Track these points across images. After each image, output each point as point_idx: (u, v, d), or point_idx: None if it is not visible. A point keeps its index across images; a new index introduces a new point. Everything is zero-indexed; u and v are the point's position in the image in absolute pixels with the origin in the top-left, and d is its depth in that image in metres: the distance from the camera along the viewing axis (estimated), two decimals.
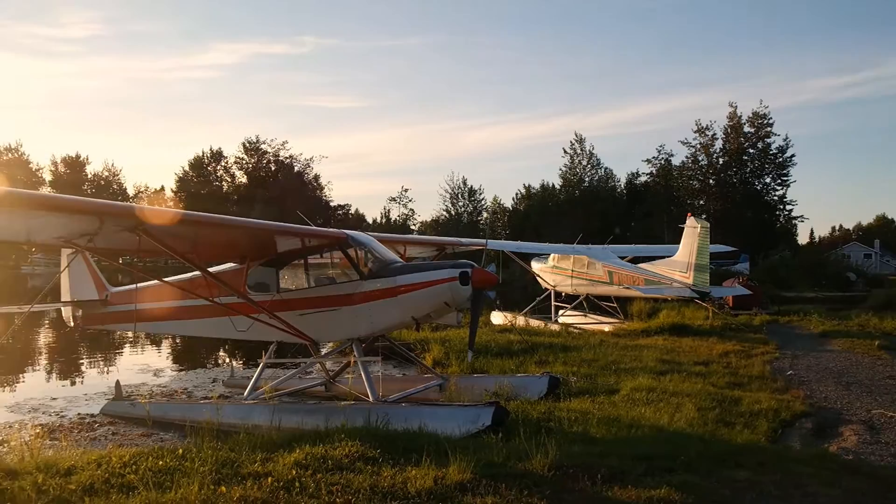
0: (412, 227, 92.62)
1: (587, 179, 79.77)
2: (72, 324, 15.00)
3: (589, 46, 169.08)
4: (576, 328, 22.72)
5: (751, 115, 65.41)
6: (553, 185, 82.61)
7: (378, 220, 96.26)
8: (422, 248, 17.88)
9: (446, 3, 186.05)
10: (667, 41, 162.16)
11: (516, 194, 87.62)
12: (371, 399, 10.62)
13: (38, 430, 10.24)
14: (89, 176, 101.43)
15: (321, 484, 6.33)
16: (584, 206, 71.00)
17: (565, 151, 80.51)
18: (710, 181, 67.39)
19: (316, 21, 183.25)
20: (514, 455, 7.27)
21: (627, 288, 22.95)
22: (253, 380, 12.15)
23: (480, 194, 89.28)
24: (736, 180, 66.69)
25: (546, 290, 26.17)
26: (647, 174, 76.63)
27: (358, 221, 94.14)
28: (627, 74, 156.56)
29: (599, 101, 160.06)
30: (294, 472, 6.59)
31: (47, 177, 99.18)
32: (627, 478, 6.58)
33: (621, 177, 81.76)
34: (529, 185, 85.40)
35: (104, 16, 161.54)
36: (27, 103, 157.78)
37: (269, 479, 6.43)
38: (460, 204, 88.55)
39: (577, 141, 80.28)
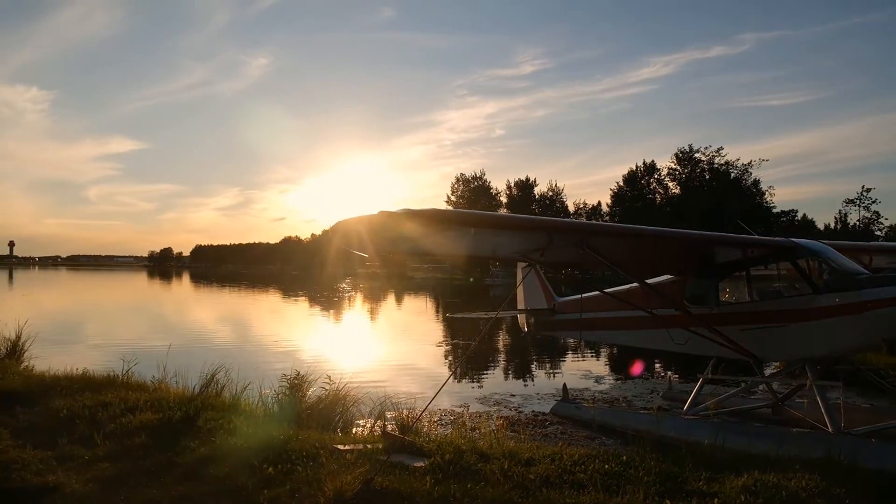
0: (877, 233, 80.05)
1: None
2: (525, 329, 16.91)
3: None
4: None
5: None
6: None
7: (831, 226, 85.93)
8: (892, 258, 15.23)
9: None
10: None
11: None
12: (831, 429, 9.42)
13: (501, 422, 11.64)
14: (536, 196, 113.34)
15: None
16: None
17: None
18: None
19: (756, 15, 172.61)
20: None
21: None
22: (692, 394, 11.88)
23: None
24: None
25: None
26: None
27: (805, 228, 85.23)
28: None
29: None
30: (743, 498, 6.17)
31: (503, 199, 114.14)
32: None
33: None
34: None
35: (548, 50, 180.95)
36: (491, 136, 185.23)
37: (716, 500, 6.15)
38: None
39: None
